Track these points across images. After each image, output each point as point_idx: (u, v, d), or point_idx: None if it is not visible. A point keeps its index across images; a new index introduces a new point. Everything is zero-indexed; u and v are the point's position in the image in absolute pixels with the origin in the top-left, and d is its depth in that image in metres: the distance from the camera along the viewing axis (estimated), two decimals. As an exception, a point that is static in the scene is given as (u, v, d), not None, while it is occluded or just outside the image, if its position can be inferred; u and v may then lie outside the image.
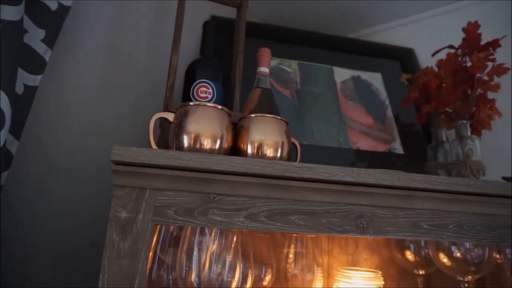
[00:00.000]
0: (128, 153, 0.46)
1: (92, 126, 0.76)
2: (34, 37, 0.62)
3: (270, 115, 0.63)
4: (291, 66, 1.05)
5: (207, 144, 0.56)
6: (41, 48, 0.63)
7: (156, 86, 0.89)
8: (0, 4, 0.49)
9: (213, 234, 0.66)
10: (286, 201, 0.51)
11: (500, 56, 0.82)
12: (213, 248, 0.66)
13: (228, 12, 0.90)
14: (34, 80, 0.61)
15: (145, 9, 0.92)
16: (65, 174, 0.71)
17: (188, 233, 0.61)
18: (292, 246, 0.81)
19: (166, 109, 0.67)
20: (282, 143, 0.62)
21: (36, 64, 0.61)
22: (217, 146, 0.57)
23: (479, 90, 0.83)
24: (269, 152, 0.61)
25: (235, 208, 0.50)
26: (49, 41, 0.64)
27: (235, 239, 0.68)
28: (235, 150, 0.62)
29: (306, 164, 0.50)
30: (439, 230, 0.55)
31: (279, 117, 0.63)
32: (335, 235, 0.53)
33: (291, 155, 0.65)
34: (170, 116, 0.60)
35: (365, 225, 0.53)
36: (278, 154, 0.61)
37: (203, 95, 0.70)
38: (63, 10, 0.66)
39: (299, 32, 1.12)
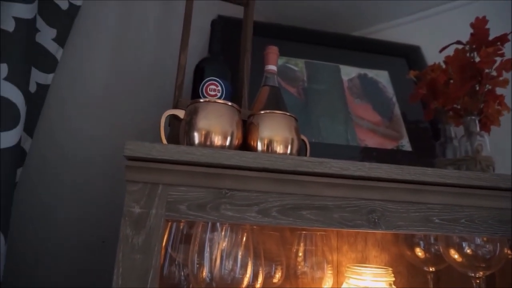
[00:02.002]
0: (141, 148, 0.47)
1: (101, 124, 0.77)
2: (46, 36, 0.62)
3: (279, 112, 0.63)
4: (298, 65, 1.05)
5: (217, 140, 0.57)
6: (52, 47, 0.63)
7: (165, 83, 0.90)
8: (13, 2, 0.50)
9: (223, 231, 0.66)
10: (298, 196, 0.51)
11: (508, 51, 0.81)
12: (224, 244, 0.66)
13: (234, 12, 0.91)
14: (46, 78, 0.62)
15: (152, 7, 0.93)
16: (76, 171, 0.71)
17: (199, 230, 0.61)
18: (302, 243, 0.81)
19: (176, 107, 0.67)
20: (292, 139, 0.62)
21: (48, 63, 0.62)
22: (227, 142, 0.57)
23: (487, 85, 0.83)
24: (279, 148, 0.61)
25: (247, 203, 0.50)
26: (60, 40, 0.65)
27: (245, 236, 0.69)
28: (245, 147, 0.62)
29: (317, 159, 0.50)
30: (450, 225, 0.55)
31: (288, 114, 0.64)
32: (346, 230, 0.53)
33: (300, 152, 0.66)
34: (181, 113, 0.60)
35: (376, 220, 0.53)
36: (288, 151, 0.62)
37: (212, 93, 0.71)
38: (74, 10, 0.67)
39: (305, 31, 1.12)
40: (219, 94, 0.71)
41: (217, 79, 0.72)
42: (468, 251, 0.72)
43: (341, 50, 1.12)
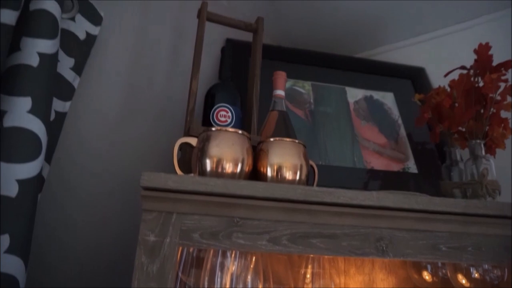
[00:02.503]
0: (157, 179, 0.48)
1: (113, 148, 0.79)
2: (64, 65, 0.65)
3: (288, 139, 0.65)
4: (305, 87, 1.07)
5: (229, 167, 0.58)
6: (70, 76, 0.66)
7: (175, 106, 0.92)
8: (38, 38, 0.53)
9: (233, 255, 0.68)
10: (307, 224, 0.52)
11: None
12: (233, 268, 0.68)
13: (243, 34, 0.93)
14: (63, 106, 0.64)
15: (164, 32, 0.96)
16: (90, 196, 0.73)
17: (210, 254, 0.62)
18: (309, 266, 0.81)
19: (187, 133, 0.69)
20: (301, 165, 0.64)
21: (66, 91, 0.65)
22: (238, 169, 0.59)
23: (492, 109, 0.84)
24: (288, 174, 0.63)
25: (258, 231, 0.51)
26: (78, 68, 0.67)
27: (254, 259, 0.70)
28: (255, 173, 0.64)
29: (327, 189, 0.51)
30: (457, 252, 0.55)
31: (297, 141, 0.65)
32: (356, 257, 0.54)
33: (309, 177, 0.67)
34: (193, 141, 0.62)
35: (384, 248, 0.54)
36: (297, 177, 0.63)
37: (222, 118, 0.73)
38: (91, 39, 0.70)
39: (311, 53, 1.15)
40: (229, 120, 0.73)
41: (227, 105, 0.74)
42: (476, 276, 0.73)
43: (347, 72, 1.14)
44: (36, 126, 0.51)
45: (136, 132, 0.82)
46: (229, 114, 0.73)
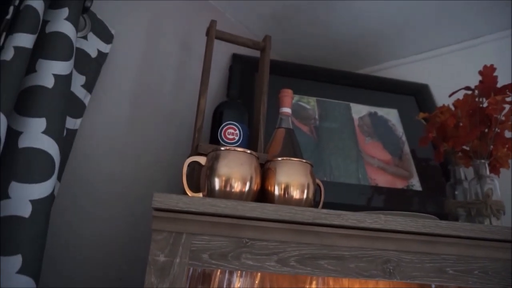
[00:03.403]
0: (169, 201, 0.49)
1: (121, 164, 0.80)
2: (76, 83, 0.66)
3: (296, 159, 0.66)
4: (310, 103, 1.09)
5: (237, 186, 0.59)
6: (81, 93, 0.67)
7: (182, 123, 0.93)
8: (54, 60, 0.54)
9: (239, 272, 0.68)
10: (315, 246, 0.53)
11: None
12: (239, 286, 0.68)
13: (249, 50, 0.94)
14: (74, 123, 0.65)
15: (172, 49, 0.97)
16: (98, 212, 0.74)
17: (218, 272, 0.63)
18: (314, 282, 0.81)
19: (195, 150, 0.70)
20: (308, 184, 0.64)
21: (77, 109, 0.65)
22: (246, 188, 0.59)
23: (496, 129, 0.85)
24: (295, 193, 0.63)
25: (267, 252, 0.52)
26: (89, 86, 0.68)
27: (259, 276, 0.71)
28: (263, 191, 0.64)
29: (335, 211, 0.52)
30: (464, 276, 0.56)
31: (304, 160, 0.66)
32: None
33: (316, 195, 0.68)
34: (202, 160, 0.63)
35: (391, 270, 0.54)
36: (304, 196, 0.64)
37: (230, 136, 0.74)
38: (102, 57, 0.71)
39: (316, 69, 1.16)
40: (237, 138, 0.74)
41: (235, 124, 0.75)
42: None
43: (352, 88, 1.16)
44: (50, 146, 0.52)
45: (143, 149, 0.83)
46: (237, 132, 0.74)
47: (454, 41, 1.21)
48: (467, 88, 0.88)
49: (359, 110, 1.11)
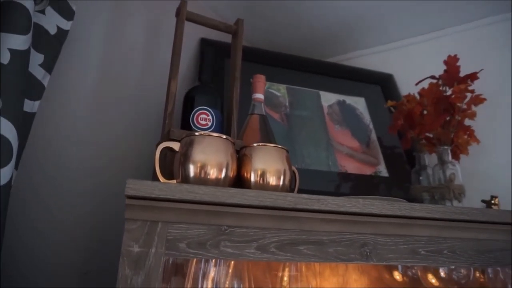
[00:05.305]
0: (143, 187, 0.46)
1: (84, 151, 0.75)
2: (33, 62, 0.60)
3: (272, 145, 0.64)
4: (280, 90, 1.08)
5: (213, 173, 0.57)
6: (39, 73, 0.61)
7: (149, 107, 0.89)
8: (9, 33, 0.48)
9: (214, 261, 0.67)
10: (295, 231, 0.52)
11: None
12: (213, 275, 0.67)
13: (218, 34, 0.91)
14: (32, 106, 0.59)
15: (139, 31, 0.92)
16: (60, 201, 0.69)
17: (193, 262, 0.61)
18: (287, 269, 0.82)
19: (167, 136, 0.67)
20: (284, 170, 0.64)
21: (35, 90, 0.59)
22: (223, 175, 0.57)
23: (457, 117, 0.89)
24: (272, 180, 0.62)
25: (246, 239, 0.50)
26: (48, 66, 0.62)
27: (233, 264, 0.70)
28: (239, 178, 0.62)
29: (315, 196, 0.52)
30: (435, 256, 0.58)
31: (280, 146, 0.65)
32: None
33: (291, 182, 0.67)
34: (175, 146, 0.60)
35: (368, 253, 0.55)
36: (281, 182, 0.63)
37: (203, 122, 0.71)
38: (62, 34, 0.65)
39: (286, 57, 1.16)
40: (210, 123, 0.72)
41: (208, 108, 0.72)
42: (445, 275, 0.77)
43: (321, 76, 1.16)
44: (7, 129, 0.46)
45: (107, 135, 0.78)
46: (210, 117, 0.72)
47: (416, 33, 1.25)
48: (432, 77, 0.91)
49: (328, 98, 1.12)
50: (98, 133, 0.76)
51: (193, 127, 0.71)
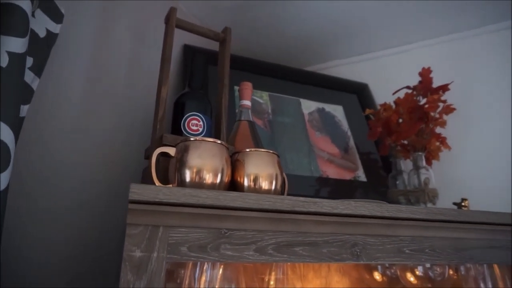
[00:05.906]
0: (147, 192, 0.46)
1: (74, 155, 0.73)
2: (23, 65, 0.58)
3: (264, 150, 0.66)
4: (263, 97, 1.10)
5: (209, 178, 0.58)
6: (29, 77, 0.59)
7: (137, 111, 0.88)
8: (8, 35, 0.47)
9: (204, 266, 0.67)
10: (291, 233, 0.54)
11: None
12: (204, 279, 0.67)
13: (201, 41, 0.93)
14: (22, 110, 0.57)
15: (127, 37, 0.91)
16: (56, 199, 0.67)
17: (188, 268, 0.61)
18: (273, 273, 0.83)
19: (159, 141, 0.67)
20: (276, 175, 0.66)
21: (24, 94, 0.58)
22: (218, 180, 0.59)
23: (430, 125, 0.95)
24: (264, 184, 0.64)
25: (245, 242, 0.52)
26: (37, 69, 0.61)
27: (222, 268, 0.71)
28: (232, 183, 0.64)
29: (312, 199, 0.54)
30: (418, 254, 0.62)
31: (271, 151, 0.67)
32: (334, 263, 0.57)
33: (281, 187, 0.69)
34: (171, 151, 0.60)
35: (358, 253, 0.58)
36: (273, 186, 0.65)
37: (194, 127, 0.72)
38: (52, 38, 0.64)
39: (268, 65, 1.19)
40: (201, 129, 0.72)
41: (199, 114, 0.73)
42: (422, 274, 0.82)
43: (301, 85, 1.20)
44: (6, 134, 0.45)
45: (95, 140, 0.77)
46: (201, 123, 0.73)
47: (389, 45, 1.32)
48: (408, 87, 0.97)
49: (308, 106, 1.16)
50: (87, 139, 0.75)
51: (185, 132, 0.71)
